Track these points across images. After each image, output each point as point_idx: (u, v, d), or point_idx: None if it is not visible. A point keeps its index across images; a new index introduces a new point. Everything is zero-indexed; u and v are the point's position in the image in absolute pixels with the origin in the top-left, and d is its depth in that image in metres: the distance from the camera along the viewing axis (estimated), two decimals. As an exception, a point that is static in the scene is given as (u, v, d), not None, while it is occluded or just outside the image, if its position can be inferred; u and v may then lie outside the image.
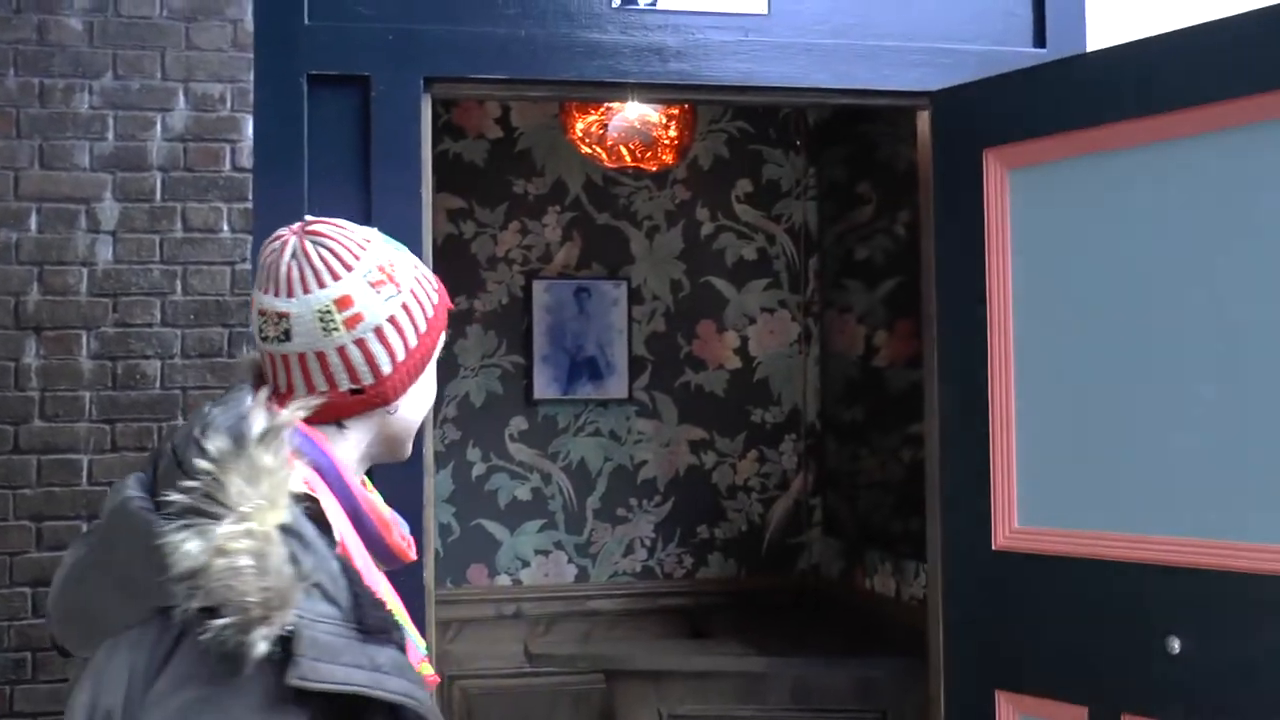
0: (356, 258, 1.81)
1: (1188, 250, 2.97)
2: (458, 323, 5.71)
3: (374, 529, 1.85)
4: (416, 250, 3.12)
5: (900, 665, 4.30)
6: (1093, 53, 3.22)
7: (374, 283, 1.81)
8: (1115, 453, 2.99)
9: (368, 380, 1.84)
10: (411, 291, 1.88)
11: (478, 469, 5.71)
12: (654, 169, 4.88)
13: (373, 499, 1.87)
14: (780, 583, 5.91)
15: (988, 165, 3.27)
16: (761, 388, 5.91)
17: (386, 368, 1.84)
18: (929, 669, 3.64)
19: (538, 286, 5.75)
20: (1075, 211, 3.11)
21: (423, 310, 1.89)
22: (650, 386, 5.83)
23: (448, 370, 5.68)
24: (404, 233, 2.74)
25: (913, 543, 5.07)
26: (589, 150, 4.76)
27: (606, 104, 4.71)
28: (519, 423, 5.75)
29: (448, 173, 5.71)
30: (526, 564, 5.73)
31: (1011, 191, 3.21)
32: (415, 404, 1.92)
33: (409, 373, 1.87)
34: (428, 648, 3.26)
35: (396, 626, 1.69)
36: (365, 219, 2.41)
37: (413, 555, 1.95)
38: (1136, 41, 3.08)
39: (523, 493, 5.74)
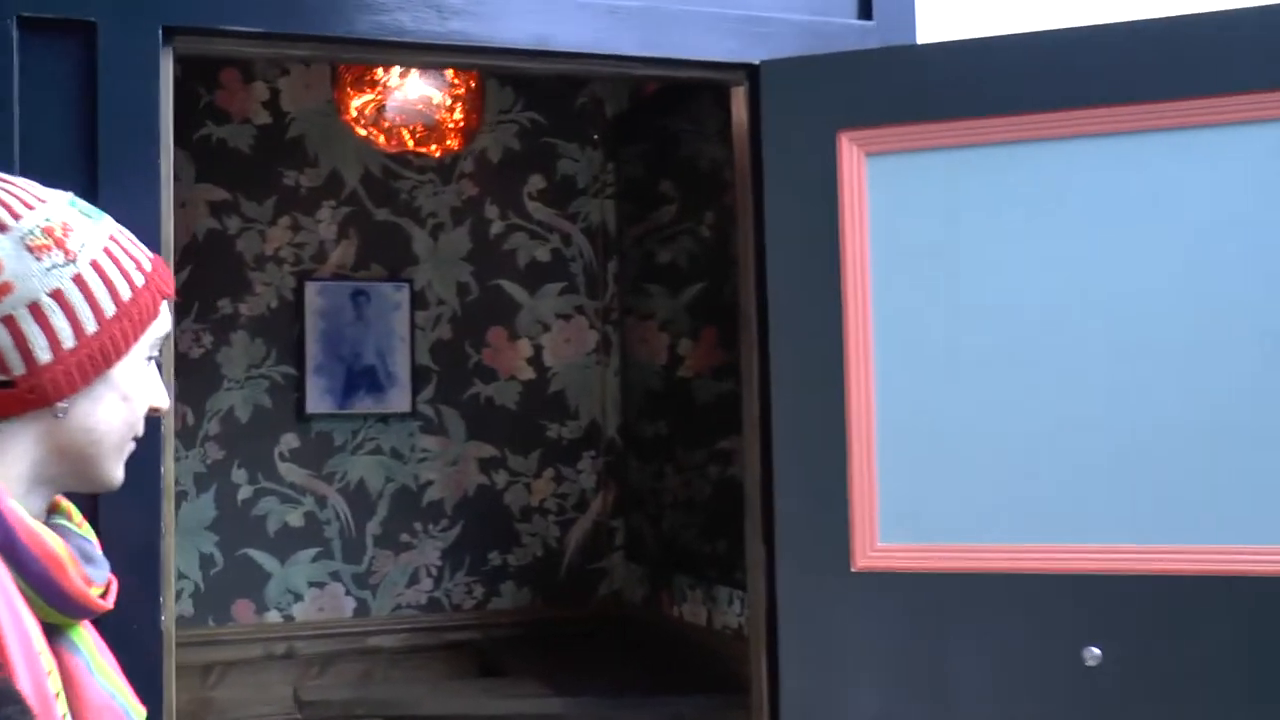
0: (16, 215, 1.45)
1: (1057, 248, 2.77)
2: (220, 329, 5.13)
3: (40, 568, 1.36)
4: (155, 239, 2.60)
5: (714, 702, 3.92)
6: (965, 40, 2.92)
7: (34, 247, 1.43)
8: (987, 459, 2.68)
9: (18, 370, 1.41)
10: (94, 264, 1.45)
11: (244, 492, 5.13)
12: (437, 154, 4.42)
13: (38, 531, 1.38)
14: (580, 612, 5.48)
15: (842, 149, 2.91)
16: (557, 400, 5.48)
17: (44, 355, 1.42)
18: (750, 706, 3.26)
19: (310, 289, 5.21)
20: (939, 203, 2.80)
21: (111, 290, 1.44)
22: (436, 399, 5.34)
23: (209, 382, 5.09)
24: (139, 217, 2.25)
25: (723, 567, 4.71)
26: (365, 132, 4.26)
27: (384, 83, 4.22)
28: (290, 440, 5.19)
29: (210, 160, 5.13)
30: (299, 598, 5.16)
31: (869, 179, 2.86)
32: (102, 410, 1.45)
33: (81, 366, 1.42)
34: (164, 705, 2.73)
35: (13, 699, 1.21)
36: (90, 198, 1.89)
37: (104, 603, 1.47)
38: (1015, 35, 2.85)
39: (295, 518, 5.18)
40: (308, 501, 5.20)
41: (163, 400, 1.54)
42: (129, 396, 1.48)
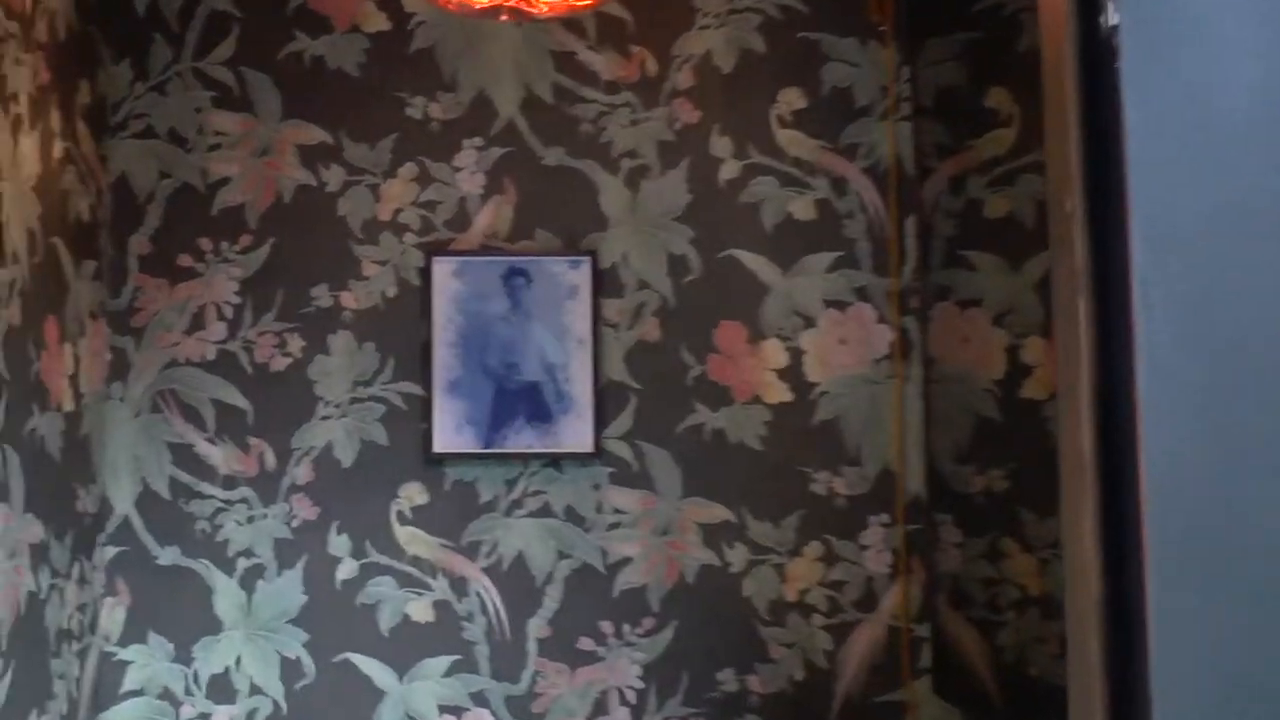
0: None
1: None
2: (315, 330, 3.50)
3: None
4: None
5: None
6: None
7: None
8: None
9: None
10: None
11: (346, 569, 3.46)
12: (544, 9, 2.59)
13: None
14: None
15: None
16: (827, 435, 3.53)
17: None
18: None
19: (443, 268, 3.50)
20: None
21: None
22: (635, 434, 3.51)
23: (297, 407, 3.47)
24: None
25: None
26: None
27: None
28: (413, 493, 3.49)
29: (302, 87, 3.54)
30: (428, 730, 3.45)
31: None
32: None
33: None
34: None
35: None
36: None
37: None
38: None
39: (420, 610, 3.46)
40: (439, 586, 3.47)
41: None
42: None
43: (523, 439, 3.47)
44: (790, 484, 3.50)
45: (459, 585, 3.46)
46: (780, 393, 3.52)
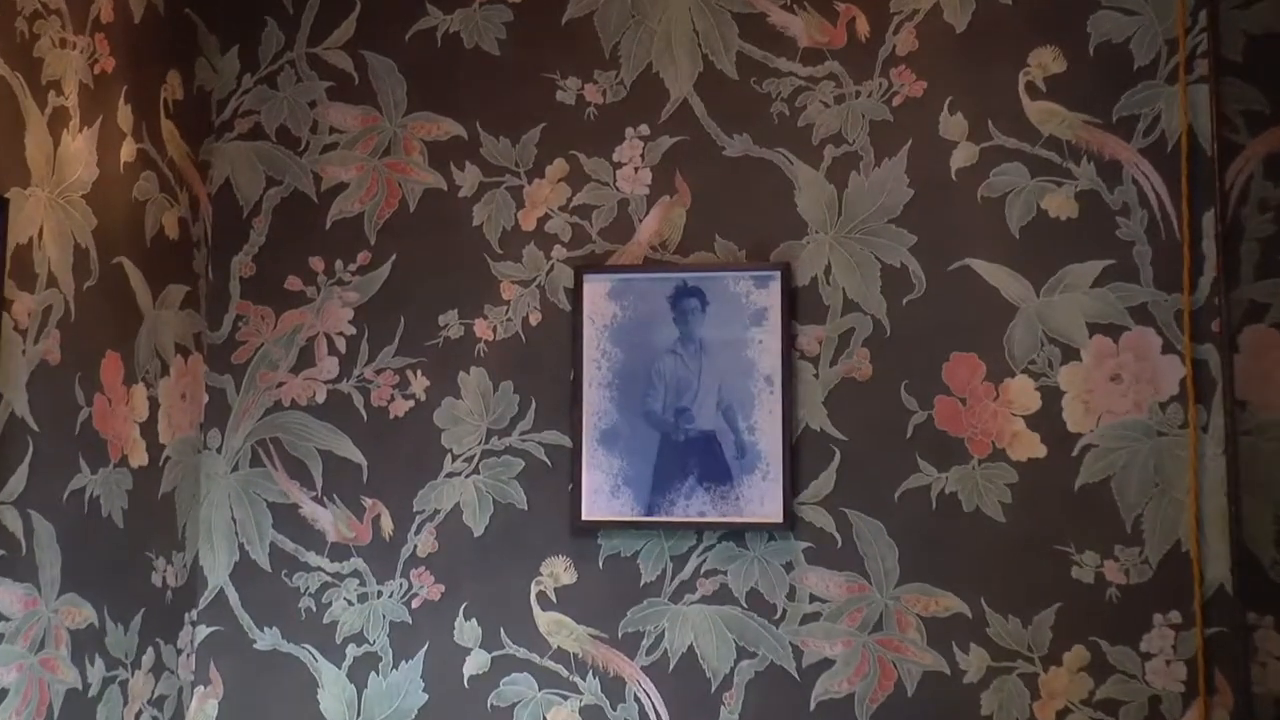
0: None
1: None
2: (441, 366, 2.87)
3: None
4: None
5: None
6: None
7: None
8: None
9: None
10: None
11: (475, 663, 2.79)
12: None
13: None
14: None
15: None
16: (1094, 503, 2.64)
17: None
18: None
19: (596, 288, 2.82)
20: None
21: None
22: (838, 498, 2.73)
23: (421, 460, 2.83)
24: None
25: None
26: None
27: None
28: (558, 570, 2.80)
29: (432, 73, 2.93)
30: None
31: None
32: None
33: None
34: None
35: None
36: None
37: None
38: None
39: (565, 717, 2.76)
40: (589, 687, 2.77)
41: None
42: None
43: (694, 505, 2.74)
44: (1044, 567, 2.64)
45: (614, 687, 2.75)
46: (1031, 446, 2.67)
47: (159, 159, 2.75)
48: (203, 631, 2.87)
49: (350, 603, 2.84)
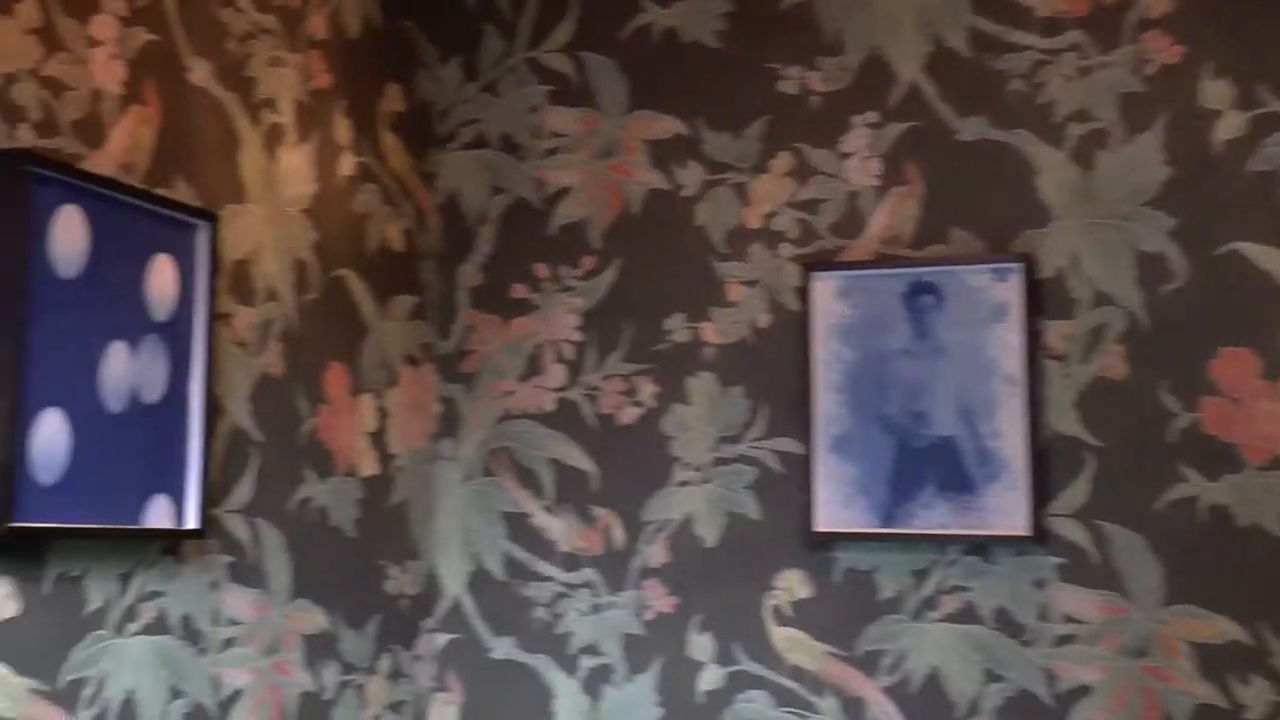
0: None
1: None
2: (669, 373, 2.78)
3: None
4: None
5: None
6: None
7: None
8: None
9: None
10: None
11: (710, 678, 2.69)
12: None
13: None
14: None
15: None
16: (1401, 514, 2.35)
17: None
18: None
19: (825, 287, 2.66)
20: None
21: None
22: (1093, 510, 2.48)
23: (650, 469, 2.75)
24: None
25: None
26: None
27: None
28: (793, 584, 2.66)
29: (653, 70, 2.84)
30: None
31: None
32: None
33: None
34: None
35: None
36: None
37: None
38: None
39: (802, 739, 2.64)
40: (827, 706, 2.62)
41: None
42: None
43: (934, 516, 2.56)
44: (1337, 587, 2.35)
45: (853, 708, 2.60)
46: (1317, 450, 2.38)
47: (380, 172, 2.76)
48: (441, 639, 2.88)
49: (583, 613, 2.78)
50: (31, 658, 1.90)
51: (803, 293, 2.67)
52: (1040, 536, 2.49)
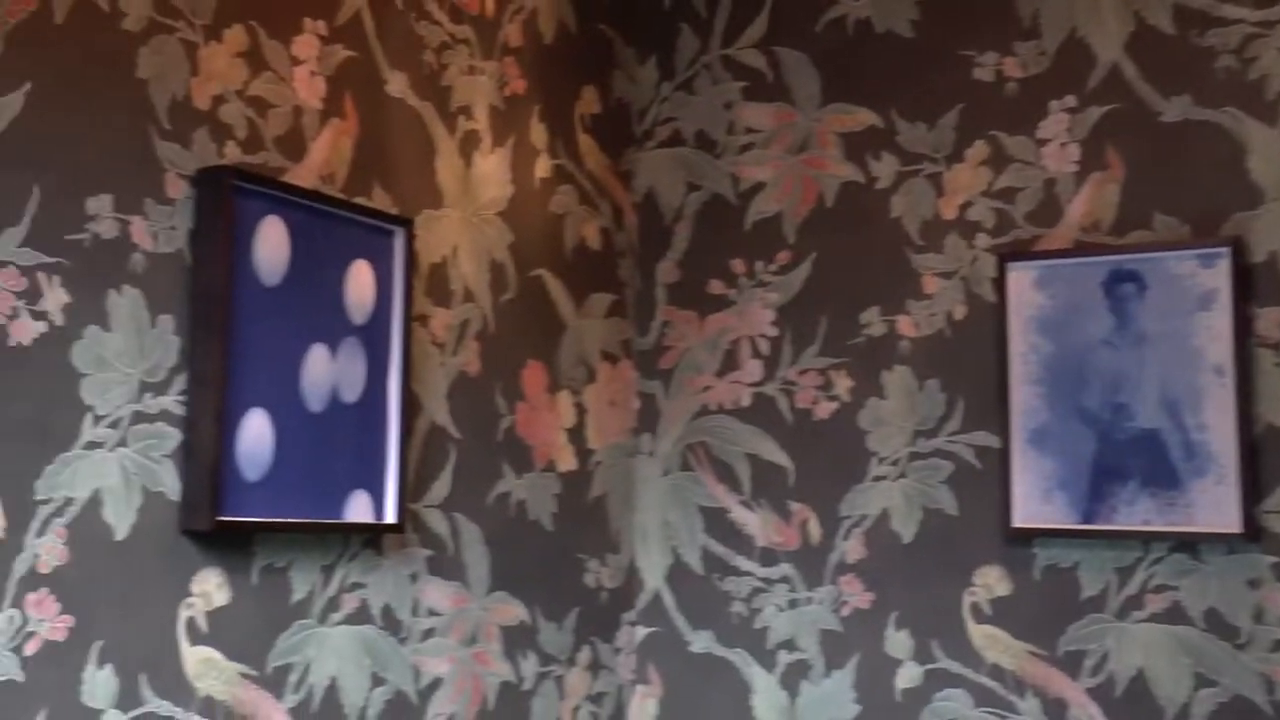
0: None
1: None
2: (865, 367, 2.75)
3: None
4: None
5: None
6: None
7: None
8: None
9: None
10: None
11: (908, 675, 2.66)
12: None
13: None
14: None
15: None
16: None
17: None
18: None
19: (1021, 277, 2.59)
20: None
21: None
22: (1313, 505, 2.37)
23: (848, 464, 2.74)
24: None
25: None
26: None
27: None
28: (992, 581, 2.60)
29: (844, 62, 2.81)
30: None
31: None
32: None
33: None
34: None
35: None
36: None
37: None
38: None
39: (1003, 739, 2.58)
40: (1028, 708, 2.55)
41: None
42: None
43: (1137, 511, 2.47)
44: None
45: (1055, 710, 2.53)
46: None
47: (576, 173, 2.83)
48: (641, 632, 2.93)
49: (780, 608, 2.79)
50: (241, 644, 2.04)
51: (999, 284, 2.61)
52: (1254, 534, 2.37)
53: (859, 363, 2.77)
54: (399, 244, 2.31)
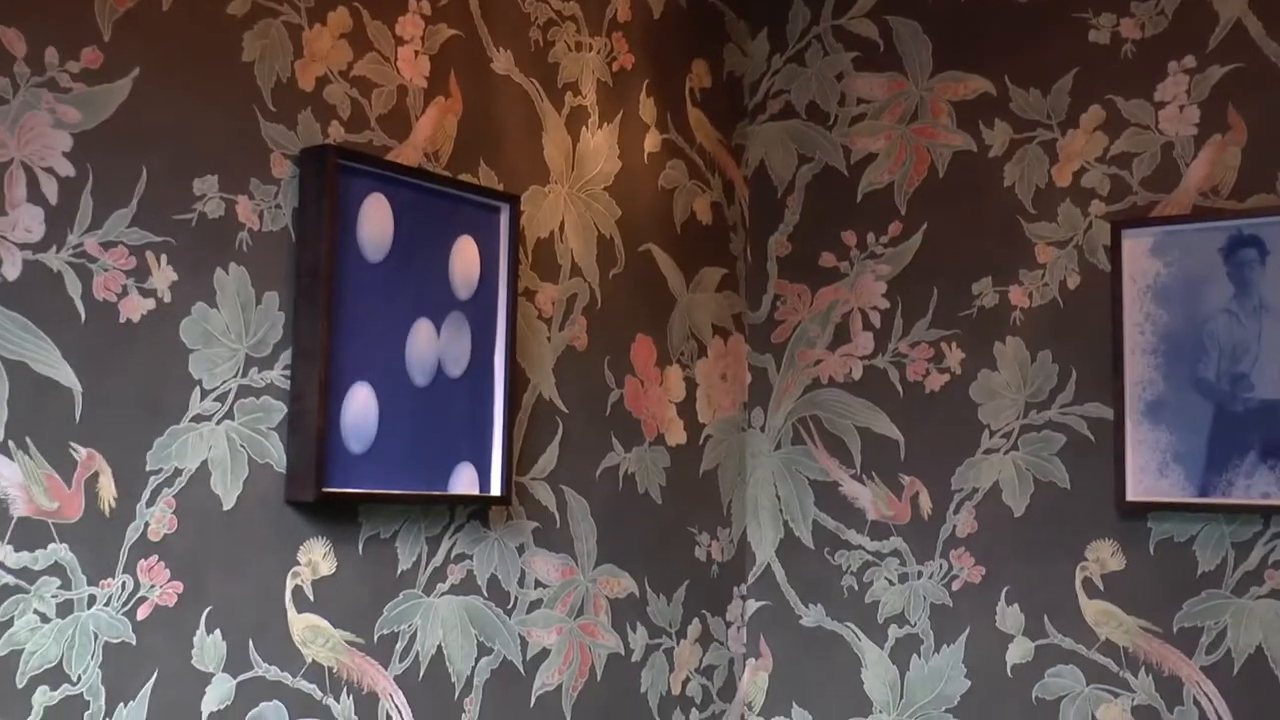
0: None
1: None
2: (976, 337, 2.71)
3: None
4: None
5: None
6: None
7: None
8: None
9: None
10: None
11: (1018, 650, 2.62)
12: None
13: None
14: None
15: None
16: None
17: None
18: None
19: (1136, 245, 2.52)
20: None
21: None
22: None
23: (954, 434, 2.71)
24: None
25: None
26: None
27: None
28: (1104, 555, 2.55)
29: (956, 28, 2.77)
30: None
31: None
32: None
33: None
34: None
35: None
36: None
37: None
38: None
39: (1115, 715, 2.52)
40: (1142, 686, 2.49)
41: None
42: None
43: (1257, 484, 2.39)
44: None
45: (1170, 688, 2.47)
46: None
47: (686, 147, 2.84)
48: (752, 606, 2.94)
49: (891, 583, 2.77)
50: (347, 612, 2.11)
51: (1114, 252, 2.55)
52: (1380, 509, 2.29)
53: (970, 334, 2.73)
54: (504, 219, 2.35)
